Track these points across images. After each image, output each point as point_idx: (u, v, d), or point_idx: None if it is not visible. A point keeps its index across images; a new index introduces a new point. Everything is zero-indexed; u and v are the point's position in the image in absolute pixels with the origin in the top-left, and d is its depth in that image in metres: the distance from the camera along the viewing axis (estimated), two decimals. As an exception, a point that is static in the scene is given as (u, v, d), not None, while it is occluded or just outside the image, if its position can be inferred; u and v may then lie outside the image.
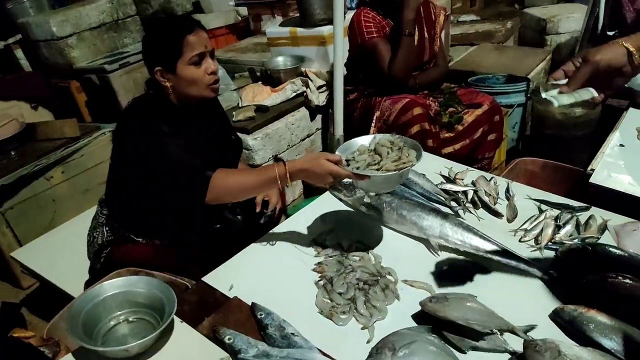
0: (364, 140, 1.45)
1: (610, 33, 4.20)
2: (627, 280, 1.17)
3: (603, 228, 1.48)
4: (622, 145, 1.93)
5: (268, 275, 1.39)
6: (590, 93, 1.09)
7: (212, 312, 1.26)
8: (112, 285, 1.28)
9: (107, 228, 1.69)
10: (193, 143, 1.52)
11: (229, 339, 1.12)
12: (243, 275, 1.40)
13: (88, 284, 1.71)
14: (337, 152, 1.38)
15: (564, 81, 1.11)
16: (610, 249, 1.32)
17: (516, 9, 6.31)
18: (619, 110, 2.34)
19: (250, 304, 1.26)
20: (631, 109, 2.21)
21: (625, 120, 2.11)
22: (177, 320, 1.22)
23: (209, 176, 1.40)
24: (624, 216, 1.52)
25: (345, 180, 1.40)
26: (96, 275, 1.68)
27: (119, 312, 1.26)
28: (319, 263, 1.41)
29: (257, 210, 1.82)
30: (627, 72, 1.07)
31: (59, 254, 2.04)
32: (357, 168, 1.34)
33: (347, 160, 1.37)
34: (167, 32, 1.53)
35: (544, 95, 1.13)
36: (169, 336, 1.18)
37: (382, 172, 1.30)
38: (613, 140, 1.97)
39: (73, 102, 3.94)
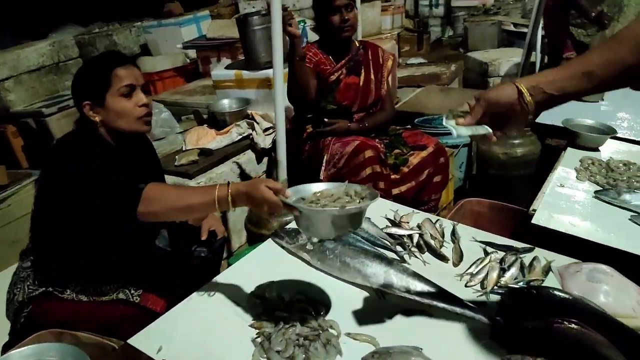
0: (318, 187, 1.31)
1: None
2: (573, 326, 1.14)
3: (547, 270, 1.47)
4: (561, 186, 1.96)
5: (201, 334, 1.28)
6: (485, 129, 1.11)
7: (136, 380, 1.13)
8: (21, 355, 1.14)
9: (28, 283, 1.54)
10: (122, 175, 1.43)
11: (151, 412, 1.00)
12: (174, 335, 1.28)
13: (5, 348, 1.54)
14: (288, 193, 1.24)
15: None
16: (555, 292, 1.29)
17: (460, 53, 6.60)
18: (557, 150, 2.41)
19: (179, 369, 1.15)
20: (569, 149, 2.27)
21: (564, 160, 2.16)
22: (95, 391, 1.09)
23: (141, 187, 1.31)
24: (567, 257, 1.52)
25: (288, 226, 1.33)
26: (16, 336, 1.52)
27: (27, 385, 1.12)
28: (256, 318, 1.31)
29: (203, 238, 1.72)
30: (516, 111, 1.07)
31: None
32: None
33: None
34: (96, 64, 1.50)
35: (444, 122, 1.16)
36: (84, 412, 1.05)
37: (316, 207, 1.18)
38: (552, 180, 2.00)
39: (9, 148, 3.74)
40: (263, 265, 1.57)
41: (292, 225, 1.74)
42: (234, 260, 1.67)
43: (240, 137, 2.81)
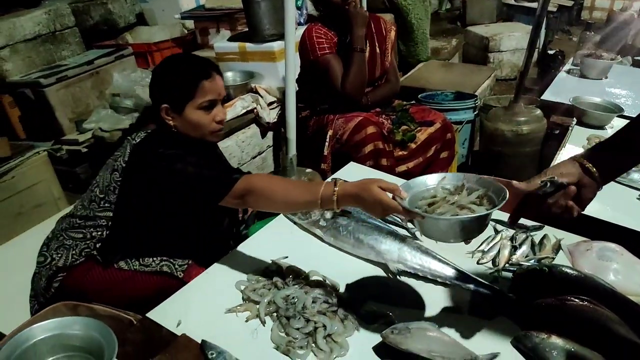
0: (431, 180, 1.20)
1: (551, 52, 4.39)
2: (585, 303, 1.17)
3: (557, 248, 1.49)
4: (569, 163, 1.97)
5: (219, 308, 1.29)
6: None
7: (157, 353, 1.14)
8: (44, 328, 1.14)
9: (73, 252, 1.52)
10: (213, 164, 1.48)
11: (176, 384, 1.02)
12: (192, 309, 1.30)
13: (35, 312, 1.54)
14: (404, 194, 1.14)
15: None
16: (566, 270, 1.32)
17: (458, 27, 6.52)
18: (563, 128, 2.42)
19: (199, 342, 1.16)
20: (576, 127, 2.28)
21: (572, 137, 2.18)
22: (118, 364, 1.10)
23: (236, 177, 1.34)
24: (575, 235, 1.54)
25: None
26: (48, 303, 1.48)
27: (51, 358, 1.13)
28: (273, 293, 1.32)
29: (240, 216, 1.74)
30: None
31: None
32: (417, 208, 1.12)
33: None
34: (184, 73, 1.48)
35: None
36: (109, 383, 1.06)
37: (441, 215, 1.08)
38: (560, 158, 2.01)
39: (5, 118, 3.67)
40: (276, 240, 1.58)
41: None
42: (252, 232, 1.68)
43: (245, 110, 2.78)
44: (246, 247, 1.55)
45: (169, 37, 4.61)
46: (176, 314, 1.28)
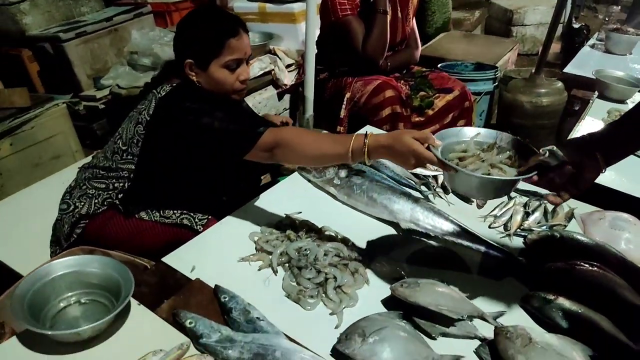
0: (465, 133, 1.21)
1: (576, 26, 4.28)
2: (595, 268, 1.18)
3: (570, 216, 1.49)
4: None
5: (233, 256, 1.32)
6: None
7: (172, 295, 1.18)
8: (63, 265, 1.18)
9: (96, 201, 1.55)
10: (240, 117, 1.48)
11: (190, 322, 1.05)
12: (206, 256, 1.33)
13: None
14: (437, 142, 1.15)
15: None
16: (578, 237, 1.32)
17: (483, 0, 6.36)
18: (583, 102, 2.39)
19: (213, 287, 1.20)
20: (597, 100, 2.25)
21: (592, 110, 2.15)
22: (134, 302, 1.14)
23: (260, 131, 1.34)
24: (589, 205, 1.54)
25: None
26: (69, 247, 1.54)
27: (70, 294, 1.17)
28: (286, 244, 1.34)
29: None
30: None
31: (6, 229, 1.90)
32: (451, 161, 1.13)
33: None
34: (211, 30, 1.44)
35: None
36: (125, 319, 1.10)
37: (476, 172, 1.08)
38: (579, 130, 1.99)
39: (24, 72, 3.68)
40: (290, 196, 1.60)
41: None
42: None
43: (262, 72, 2.77)
44: (260, 202, 1.58)
45: (189, -4, 4.56)
46: (191, 260, 1.31)
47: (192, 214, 1.55)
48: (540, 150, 1.09)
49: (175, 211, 1.56)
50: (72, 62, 3.54)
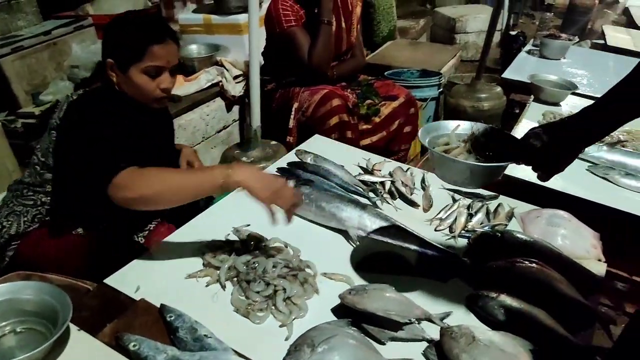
0: (450, 125, 1.31)
1: (513, 33, 4.47)
2: (534, 265, 1.22)
3: (510, 215, 1.55)
4: (525, 137, 2.04)
5: (180, 274, 1.29)
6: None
7: (115, 317, 1.14)
8: (-4, 293, 1.12)
9: (25, 219, 1.48)
10: (133, 133, 1.40)
11: (133, 345, 1.02)
12: (151, 275, 1.29)
13: None
14: (419, 131, 1.29)
15: None
16: (517, 235, 1.38)
17: (427, 9, 6.56)
18: (521, 105, 2.49)
19: (158, 306, 1.17)
20: (533, 103, 2.35)
21: (528, 113, 2.24)
22: (74, 328, 1.09)
23: (122, 167, 1.22)
24: (528, 204, 1.60)
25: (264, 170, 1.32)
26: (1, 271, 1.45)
27: (3, 323, 1.11)
28: (234, 258, 1.33)
29: None
30: None
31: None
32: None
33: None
34: (134, 31, 1.40)
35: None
36: (64, 347, 1.05)
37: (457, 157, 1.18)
38: (517, 132, 2.07)
39: (-43, 89, 3.51)
40: (238, 209, 1.58)
41: (266, 171, 1.75)
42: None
43: (209, 84, 2.74)
44: (208, 216, 1.55)
45: (131, 8, 4.46)
46: (135, 280, 1.27)
47: (132, 226, 1.50)
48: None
49: (113, 224, 1.49)
50: (8, 78, 3.38)
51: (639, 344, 1.05)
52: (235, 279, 1.27)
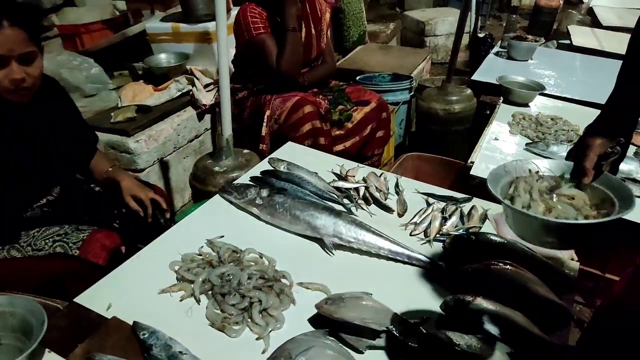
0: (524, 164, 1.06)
1: (480, 35, 4.55)
2: (508, 267, 1.23)
3: (484, 217, 1.56)
4: (496, 139, 2.07)
5: (152, 289, 1.26)
6: None
7: (86, 337, 1.11)
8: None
9: None
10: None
11: (106, 366, 0.99)
12: (123, 292, 1.26)
13: None
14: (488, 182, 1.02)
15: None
16: (491, 237, 1.39)
17: (397, 12, 6.63)
18: (492, 107, 2.53)
19: (131, 324, 1.14)
20: (502, 105, 2.39)
21: (498, 115, 2.28)
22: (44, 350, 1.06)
23: None
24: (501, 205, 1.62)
25: (236, 181, 1.30)
26: None
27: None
28: (208, 272, 1.30)
29: (148, 214, 1.66)
30: None
31: None
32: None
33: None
34: None
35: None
36: (34, 370, 1.02)
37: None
38: (488, 134, 2.10)
39: None
40: (212, 220, 1.56)
41: (239, 180, 1.73)
42: (180, 218, 1.64)
43: (180, 93, 2.70)
44: (181, 228, 1.52)
45: (99, 18, 4.38)
46: (106, 297, 1.23)
47: (65, 238, 1.44)
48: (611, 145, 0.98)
49: (47, 240, 1.43)
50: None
51: (602, 338, 1.06)
52: (210, 292, 1.25)
